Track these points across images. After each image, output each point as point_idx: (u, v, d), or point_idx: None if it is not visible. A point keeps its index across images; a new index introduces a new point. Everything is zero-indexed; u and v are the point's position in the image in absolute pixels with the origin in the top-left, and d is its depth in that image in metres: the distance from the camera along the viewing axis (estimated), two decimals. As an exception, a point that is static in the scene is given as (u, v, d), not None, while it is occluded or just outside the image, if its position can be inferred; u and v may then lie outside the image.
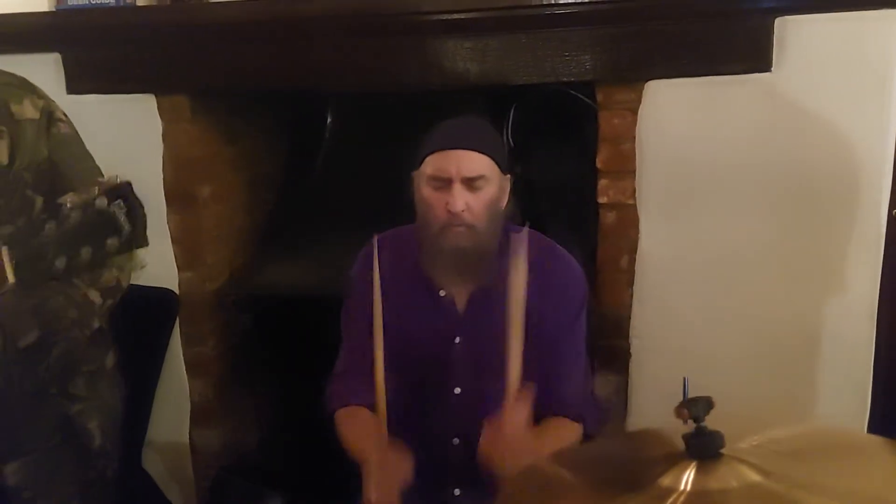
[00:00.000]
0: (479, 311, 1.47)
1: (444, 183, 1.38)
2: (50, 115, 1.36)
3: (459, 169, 1.37)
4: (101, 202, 1.00)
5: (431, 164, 1.40)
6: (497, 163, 1.42)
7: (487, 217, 1.40)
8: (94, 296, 1.36)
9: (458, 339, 1.48)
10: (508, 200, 1.47)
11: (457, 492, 1.50)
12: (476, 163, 1.38)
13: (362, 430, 1.41)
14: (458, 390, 1.48)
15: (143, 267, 1.37)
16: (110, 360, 1.57)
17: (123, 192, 1.02)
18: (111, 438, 1.55)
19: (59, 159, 1.36)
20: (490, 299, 1.44)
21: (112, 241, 1.00)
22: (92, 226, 0.99)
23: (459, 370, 1.47)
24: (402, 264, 1.49)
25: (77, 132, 1.44)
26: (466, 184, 1.37)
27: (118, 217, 1.00)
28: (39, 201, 1.33)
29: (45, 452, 1.43)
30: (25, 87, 1.37)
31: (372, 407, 1.44)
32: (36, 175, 1.33)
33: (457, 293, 1.48)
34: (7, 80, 1.38)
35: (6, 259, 0.97)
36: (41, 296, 1.28)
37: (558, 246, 1.54)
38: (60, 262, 0.98)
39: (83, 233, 0.99)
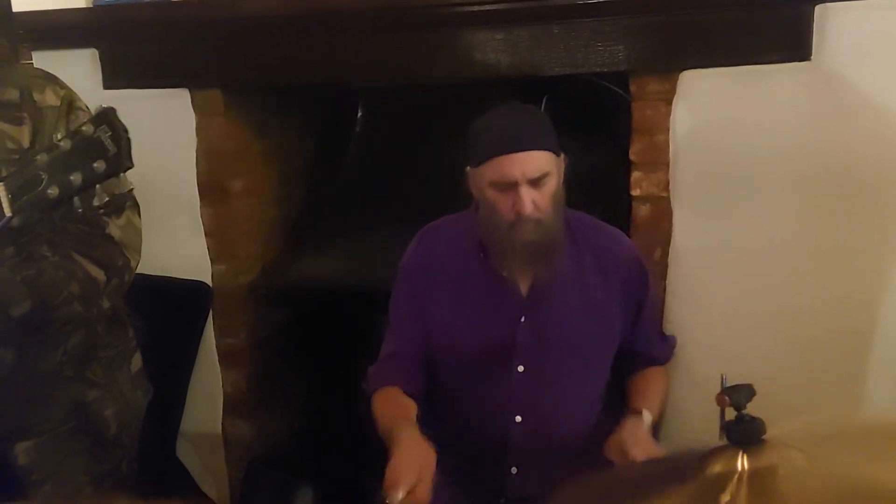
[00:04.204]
0: (543, 291, 1.48)
1: (508, 186, 1.38)
2: (70, 104, 1.39)
3: (524, 172, 1.36)
4: (88, 128, 1.06)
5: (493, 170, 1.39)
6: (554, 152, 1.42)
7: (553, 208, 1.41)
8: (97, 272, 1.36)
9: (523, 319, 1.48)
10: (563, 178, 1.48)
11: (514, 470, 1.50)
12: (539, 161, 1.38)
13: (395, 411, 1.42)
14: (521, 368, 1.49)
15: (130, 189, 1.38)
16: (136, 362, 1.57)
17: (108, 117, 1.08)
18: (128, 432, 1.55)
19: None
20: (554, 279, 1.47)
21: (99, 164, 1.06)
22: (80, 150, 1.05)
23: (524, 349, 1.48)
24: (459, 249, 1.51)
25: None
26: (531, 183, 1.38)
27: (104, 140, 1.06)
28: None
29: (57, 436, 1.44)
30: (48, 79, 1.41)
31: (411, 391, 1.46)
32: None
33: (520, 273, 1.49)
34: (32, 73, 1.43)
35: (2, 193, 1.02)
36: (37, 268, 1.30)
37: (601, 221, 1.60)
38: (53, 191, 1.03)
39: (73, 158, 1.05)
